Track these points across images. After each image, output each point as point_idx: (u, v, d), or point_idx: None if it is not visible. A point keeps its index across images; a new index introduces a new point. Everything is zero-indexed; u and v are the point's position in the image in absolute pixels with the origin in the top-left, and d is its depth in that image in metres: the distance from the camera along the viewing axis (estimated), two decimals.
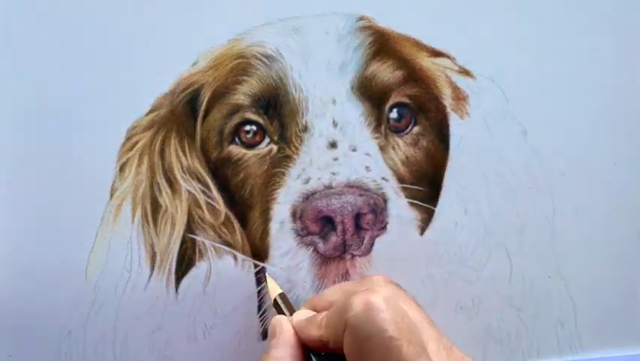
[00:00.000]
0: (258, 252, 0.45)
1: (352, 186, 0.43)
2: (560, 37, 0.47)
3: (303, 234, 0.44)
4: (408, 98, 0.46)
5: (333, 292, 0.41)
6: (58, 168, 0.44)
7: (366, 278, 0.41)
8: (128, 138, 0.45)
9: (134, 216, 0.44)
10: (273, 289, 0.42)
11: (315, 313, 0.40)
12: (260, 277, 0.45)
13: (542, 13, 0.47)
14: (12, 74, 0.44)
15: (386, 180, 0.44)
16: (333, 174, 0.44)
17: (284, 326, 0.39)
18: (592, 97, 0.47)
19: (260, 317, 0.45)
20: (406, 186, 0.45)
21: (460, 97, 0.46)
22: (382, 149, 0.45)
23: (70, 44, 0.44)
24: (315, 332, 0.38)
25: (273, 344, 0.39)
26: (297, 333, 0.39)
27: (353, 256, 0.44)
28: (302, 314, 0.40)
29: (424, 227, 0.46)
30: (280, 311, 0.41)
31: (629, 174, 0.48)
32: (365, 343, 0.34)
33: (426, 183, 0.46)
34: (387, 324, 0.34)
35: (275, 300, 0.42)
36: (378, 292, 0.36)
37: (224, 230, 0.45)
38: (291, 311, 0.41)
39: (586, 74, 0.47)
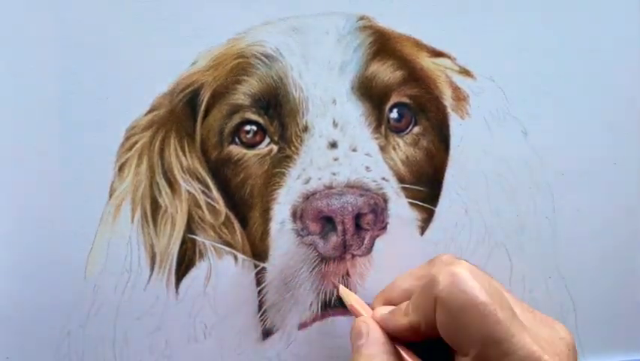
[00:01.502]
0: (259, 252, 0.45)
1: (352, 186, 0.43)
2: (559, 37, 0.47)
3: (303, 234, 0.44)
4: (408, 98, 0.46)
5: (404, 281, 0.41)
6: (58, 168, 0.44)
7: (433, 259, 0.41)
8: (127, 138, 0.44)
9: (133, 217, 0.44)
10: (347, 294, 0.43)
11: (392, 306, 0.40)
12: (260, 277, 0.45)
13: (542, 14, 0.47)
14: (12, 73, 0.43)
15: (386, 180, 0.44)
16: (334, 174, 0.44)
17: (370, 324, 0.39)
18: (592, 97, 0.47)
19: (260, 316, 0.44)
20: (406, 186, 0.45)
21: (460, 97, 0.46)
22: (383, 149, 0.45)
23: (70, 44, 0.44)
24: (403, 321, 0.38)
25: (362, 344, 0.38)
26: (383, 328, 0.39)
27: (353, 256, 0.44)
28: (381, 310, 0.40)
29: (424, 227, 0.46)
30: (350, 307, 0.42)
31: (629, 174, 0.48)
32: (459, 313, 0.34)
33: (426, 183, 0.46)
34: (478, 291, 0.34)
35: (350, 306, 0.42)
36: (460, 263, 0.36)
37: (225, 230, 0.45)
38: (362, 303, 0.41)
39: (586, 74, 0.47)
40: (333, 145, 0.44)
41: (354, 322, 0.41)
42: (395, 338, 0.39)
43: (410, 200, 0.45)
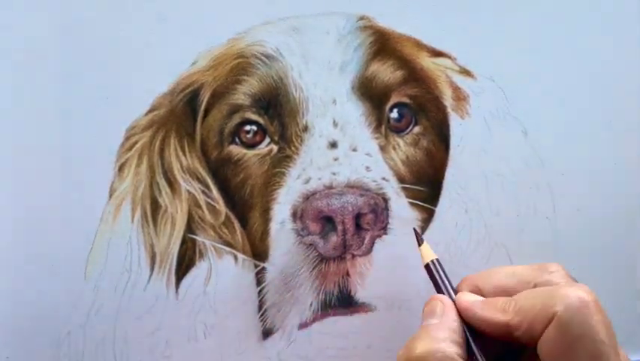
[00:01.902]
0: (259, 252, 0.45)
1: (353, 186, 0.43)
2: (559, 37, 0.47)
3: (303, 234, 0.44)
4: (408, 98, 0.46)
5: (503, 277, 0.40)
6: (58, 168, 0.44)
7: (542, 265, 0.39)
8: (128, 138, 0.44)
9: (133, 217, 0.44)
10: (428, 254, 0.41)
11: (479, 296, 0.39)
12: (260, 277, 0.45)
13: (542, 14, 0.47)
14: (12, 73, 0.43)
15: (386, 180, 0.44)
16: (334, 174, 0.44)
17: (447, 306, 0.38)
18: (592, 97, 0.47)
19: (260, 316, 0.44)
20: (406, 186, 0.45)
21: (460, 97, 0.46)
22: (383, 149, 0.45)
23: (70, 44, 0.44)
24: (498, 316, 0.37)
25: (432, 324, 0.37)
26: (461, 314, 0.38)
27: (353, 256, 0.44)
28: (468, 296, 0.39)
29: (424, 227, 0.46)
30: (434, 280, 0.40)
31: (629, 174, 0.48)
32: (575, 342, 0.34)
33: (426, 183, 0.46)
34: (600, 327, 0.34)
35: (428, 266, 0.40)
36: (586, 290, 0.35)
37: (225, 230, 0.45)
38: (447, 281, 0.40)
39: (586, 74, 0.47)
40: (333, 145, 0.44)
41: (431, 297, 0.39)
42: (469, 326, 0.38)
43: (410, 200, 0.45)
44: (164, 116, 0.45)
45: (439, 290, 0.40)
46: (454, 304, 0.38)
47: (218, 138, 0.45)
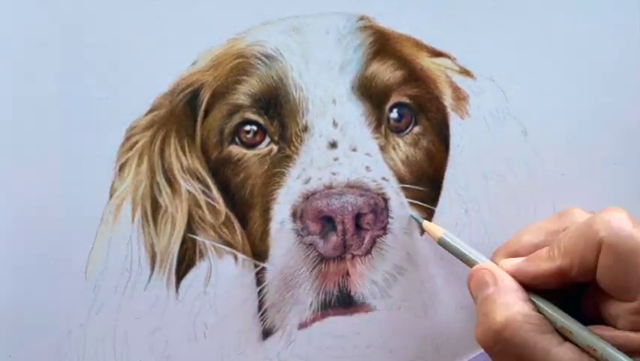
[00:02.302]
0: (259, 252, 0.45)
1: (352, 186, 0.43)
2: (560, 37, 0.47)
3: (303, 234, 0.44)
4: (408, 98, 0.46)
5: (533, 236, 0.41)
6: (58, 168, 0.44)
7: (561, 213, 0.41)
8: (128, 138, 0.44)
9: (133, 217, 0.44)
10: (435, 230, 0.42)
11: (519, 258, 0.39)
12: (260, 277, 0.45)
13: (542, 14, 0.47)
14: (11, 73, 0.44)
15: (386, 180, 0.44)
16: (334, 174, 0.44)
17: (496, 271, 0.39)
18: (592, 97, 0.47)
19: (260, 316, 0.45)
20: (406, 186, 0.45)
21: (460, 97, 0.46)
22: (382, 149, 0.45)
23: (70, 43, 0.44)
24: (548, 265, 0.37)
25: (492, 292, 0.38)
26: (516, 277, 0.38)
27: (353, 256, 0.44)
28: (511, 260, 0.39)
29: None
30: (456, 251, 0.41)
31: (629, 174, 0.48)
32: (629, 257, 0.34)
33: (426, 183, 0.46)
34: None
35: (442, 240, 0.41)
36: (617, 209, 0.36)
37: (225, 230, 0.45)
38: (471, 249, 0.41)
39: (586, 74, 0.47)
40: (333, 145, 0.44)
41: (473, 270, 0.40)
42: (527, 287, 0.38)
43: (410, 200, 0.45)
44: (164, 117, 0.45)
45: (465, 260, 0.40)
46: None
47: (219, 138, 0.45)
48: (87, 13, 0.44)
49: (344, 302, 0.44)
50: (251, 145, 0.45)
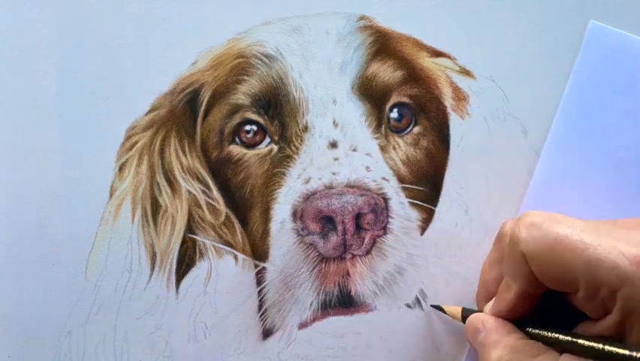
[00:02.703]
0: (259, 252, 0.45)
1: (353, 186, 0.43)
2: (559, 37, 0.47)
3: (303, 234, 0.44)
4: (408, 98, 0.46)
5: (489, 273, 0.42)
6: (58, 168, 0.44)
7: (497, 237, 0.42)
8: (128, 138, 0.45)
9: (133, 217, 0.44)
10: (454, 311, 0.44)
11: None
12: (260, 277, 0.45)
13: (542, 14, 0.46)
14: (12, 73, 0.44)
15: (386, 180, 0.44)
16: (334, 174, 0.44)
17: (482, 316, 0.41)
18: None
19: (260, 316, 0.44)
20: (406, 186, 0.45)
21: (460, 97, 0.46)
22: (383, 149, 0.45)
23: (70, 44, 0.44)
24: (510, 295, 0.39)
25: (483, 336, 0.39)
26: (498, 317, 0.40)
27: (353, 256, 0.44)
28: (488, 305, 0.41)
29: (424, 227, 0.45)
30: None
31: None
32: (553, 256, 0.35)
33: (426, 183, 0.46)
34: (558, 226, 0.36)
35: (463, 317, 0.43)
36: (528, 214, 0.37)
37: (225, 230, 0.45)
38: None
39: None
40: (334, 145, 0.44)
41: (466, 324, 0.41)
42: (513, 320, 0.39)
43: (410, 200, 0.45)
44: (164, 116, 0.45)
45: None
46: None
47: (219, 138, 0.45)
48: (87, 13, 0.44)
49: (344, 302, 0.44)
50: (251, 145, 0.45)
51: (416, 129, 0.46)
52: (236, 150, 0.45)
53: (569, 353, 0.36)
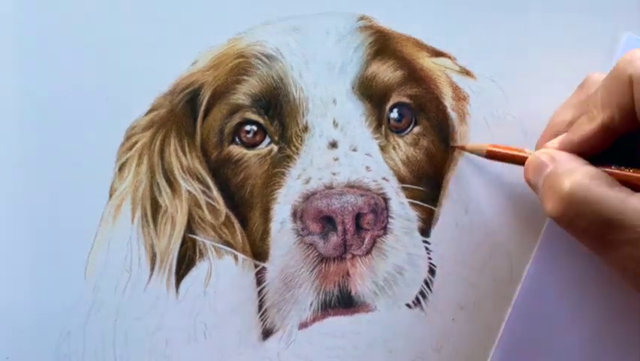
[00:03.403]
0: (259, 252, 0.45)
1: (353, 186, 0.43)
2: (560, 36, 0.47)
3: (303, 234, 0.44)
4: (408, 98, 0.46)
5: (564, 115, 0.41)
6: (58, 168, 0.44)
7: (581, 83, 0.41)
8: (128, 138, 0.44)
9: (133, 217, 0.44)
10: (480, 147, 0.43)
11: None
12: (260, 277, 0.45)
13: (542, 13, 0.47)
14: (12, 73, 0.44)
15: (387, 180, 0.44)
16: (334, 174, 0.44)
17: (549, 150, 0.39)
18: None
19: (260, 316, 0.44)
20: (406, 186, 0.45)
21: (460, 97, 0.46)
22: (383, 149, 0.45)
23: (70, 44, 0.44)
24: (590, 127, 0.38)
25: (552, 168, 0.38)
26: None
27: (353, 256, 0.44)
28: (555, 139, 0.40)
29: (424, 227, 0.45)
30: (508, 156, 0.42)
31: None
32: None
33: (426, 183, 0.46)
34: None
35: (490, 152, 0.42)
36: (635, 50, 0.36)
37: (225, 230, 0.45)
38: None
39: (586, 74, 0.47)
40: (334, 145, 0.44)
41: (528, 161, 0.40)
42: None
43: (410, 200, 0.45)
44: (164, 116, 0.45)
45: (517, 160, 0.41)
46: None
47: (219, 138, 0.45)
48: (87, 13, 0.44)
49: (344, 302, 0.44)
50: (251, 145, 0.45)
51: (416, 129, 0.46)
52: (236, 150, 0.45)
53: None
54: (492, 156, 0.43)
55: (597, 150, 0.38)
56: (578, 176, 0.37)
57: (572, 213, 0.36)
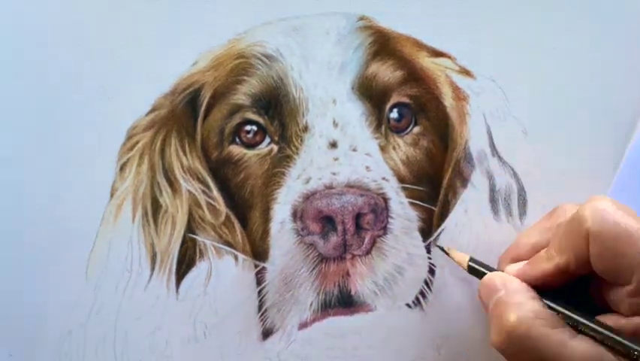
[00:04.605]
0: (259, 252, 0.45)
1: (353, 186, 0.43)
2: (560, 36, 0.47)
3: (303, 234, 0.44)
4: (408, 98, 0.46)
5: (528, 237, 0.42)
6: (58, 168, 0.44)
7: (553, 210, 0.42)
8: (129, 138, 0.45)
9: (134, 216, 0.44)
10: (461, 258, 0.43)
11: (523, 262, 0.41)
12: (260, 277, 0.45)
13: (543, 13, 0.46)
14: (12, 73, 0.44)
15: (386, 180, 0.44)
16: (334, 174, 0.44)
17: (504, 276, 0.40)
18: (592, 97, 0.47)
19: (260, 316, 0.44)
20: (406, 186, 0.45)
21: (460, 97, 0.46)
22: (383, 149, 0.45)
23: (70, 44, 0.44)
24: (547, 265, 0.39)
25: (502, 295, 0.39)
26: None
27: (353, 256, 0.44)
28: (513, 267, 0.41)
29: (424, 227, 0.45)
30: (480, 272, 0.42)
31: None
32: (615, 243, 0.36)
33: (426, 183, 0.46)
34: (628, 220, 0.36)
35: (469, 266, 0.42)
36: (599, 197, 0.37)
37: (225, 230, 0.45)
38: (489, 266, 0.42)
39: (586, 74, 0.47)
40: (334, 145, 0.44)
41: (483, 279, 0.41)
42: (534, 288, 0.39)
43: (410, 200, 0.45)
44: (165, 117, 0.45)
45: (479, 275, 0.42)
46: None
47: (219, 138, 0.45)
48: (87, 13, 0.44)
49: (344, 302, 0.44)
50: (251, 145, 0.45)
51: (416, 129, 0.46)
52: (236, 150, 0.45)
53: (585, 334, 0.36)
54: (473, 271, 0.43)
55: (552, 287, 0.39)
56: (523, 311, 0.37)
57: (513, 348, 0.37)
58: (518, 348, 0.37)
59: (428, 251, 0.45)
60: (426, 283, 0.45)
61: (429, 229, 0.46)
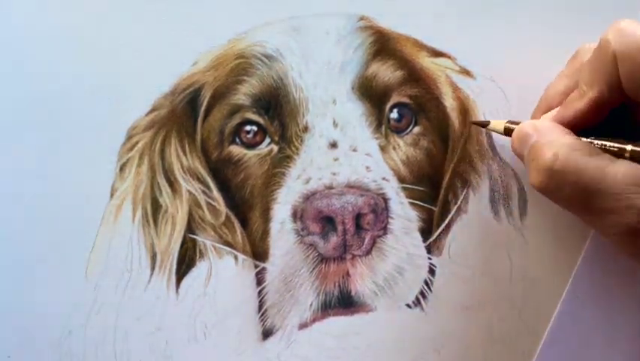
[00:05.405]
0: (259, 252, 0.45)
1: (353, 187, 0.43)
2: (560, 37, 0.47)
3: (303, 234, 0.44)
4: (408, 98, 0.46)
5: (557, 86, 0.42)
6: (59, 168, 0.44)
7: (574, 54, 0.42)
8: (129, 138, 0.45)
9: (134, 217, 0.44)
10: (497, 125, 0.43)
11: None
12: (260, 277, 0.45)
13: (542, 13, 0.46)
14: (12, 73, 0.44)
15: (387, 181, 0.44)
16: (334, 174, 0.44)
17: (536, 123, 0.40)
18: None
19: (260, 316, 0.44)
20: (406, 186, 0.45)
21: (460, 97, 0.46)
22: (383, 149, 0.45)
23: (71, 44, 0.44)
24: (582, 103, 0.38)
25: (536, 139, 0.38)
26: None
27: (354, 256, 0.44)
28: (547, 115, 0.41)
29: (424, 227, 0.45)
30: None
31: None
32: None
33: (426, 183, 0.46)
34: None
35: (506, 127, 0.43)
36: (619, 21, 0.37)
37: (225, 230, 0.45)
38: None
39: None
40: (334, 145, 0.44)
41: (514, 132, 0.41)
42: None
43: (410, 200, 0.45)
44: (165, 117, 0.45)
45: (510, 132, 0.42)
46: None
47: (219, 138, 0.45)
48: (88, 13, 0.44)
49: (344, 302, 0.44)
50: (251, 145, 0.45)
51: (416, 129, 0.46)
52: (236, 150, 0.45)
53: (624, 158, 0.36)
54: (509, 132, 0.43)
55: (591, 124, 0.38)
56: (558, 146, 0.37)
57: (554, 184, 0.37)
58: (559, 182, 0.36)
59: (428, 251, 0.45)
60: (426, 283, 0.45)
61: (429, 229, 0.45)
